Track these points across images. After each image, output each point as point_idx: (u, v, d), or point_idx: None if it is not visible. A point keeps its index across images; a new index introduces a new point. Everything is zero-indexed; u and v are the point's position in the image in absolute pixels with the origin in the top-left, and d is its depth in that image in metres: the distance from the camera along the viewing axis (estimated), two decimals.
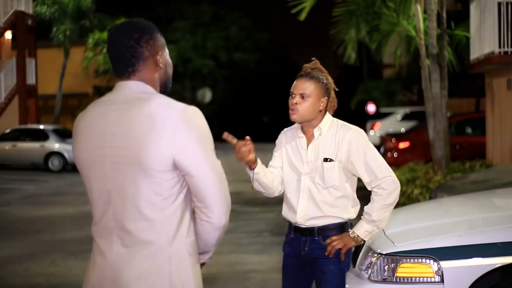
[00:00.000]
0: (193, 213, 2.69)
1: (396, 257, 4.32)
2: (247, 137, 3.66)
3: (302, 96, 3.83)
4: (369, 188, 3.87)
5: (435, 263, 4.18)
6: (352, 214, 3.91)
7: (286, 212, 4.02)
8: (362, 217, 3.84)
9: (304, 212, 3.88)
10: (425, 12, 11.21)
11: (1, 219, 12.41)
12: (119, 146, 2.56)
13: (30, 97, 29.95)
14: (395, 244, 4.44)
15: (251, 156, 3.67)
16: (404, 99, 35.27)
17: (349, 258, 3.96)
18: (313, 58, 4.02)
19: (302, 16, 12.05)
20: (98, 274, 2.63)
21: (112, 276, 2.58)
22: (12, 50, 30.93)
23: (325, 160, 3.83)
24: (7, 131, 24.19)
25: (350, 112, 42.98)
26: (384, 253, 4.39)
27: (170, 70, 2.79)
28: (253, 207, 12.84)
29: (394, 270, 4.29)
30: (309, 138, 3.93)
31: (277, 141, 4.12)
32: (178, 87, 49.65)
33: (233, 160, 3.76)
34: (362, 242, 3.90)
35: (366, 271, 4.49)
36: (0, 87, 28.18)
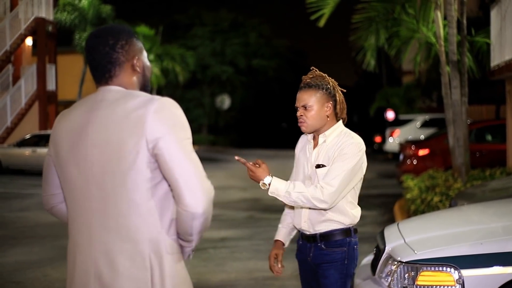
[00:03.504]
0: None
1: (417, 265, 4.29)
2: (258, 160, 3.79)
3: (305, 107, 3.87)
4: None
5: (456, 272, 4.14)
6: (353, 218, 3.88)
7: (294, 218, 4.08)
8: (288, 183, 3.76)
9: (308, 216, 3.92)
10: (445, 18, 11.15)
11: (20, 224, 12.48)
12: (99, 144, 2.59)
13: (50, 103, 30.16)
14: (415, 252, 4.41)
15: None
16: (424, 106, 35.11)
17: (353, 264, 3.92)
18: (312, 68, 4.03)
19: (321, 23, 12.02)
20: (81, 271, 2.65)
21: (96, 273, 2.60)
22: (33, 56, 31.23)
23: (318, 166, 3.85)
24: (27, 136, 24.32)
25: (369, 118, 42.89)
26: (404, 261, 4.37)
27: (148, 73, 2.82)
28: (271, 213, 12.82)
29: (414, 278, 4.26)
30: (316, 144, 3.98)
31: (296, 148, 4.20)
32: (196, 94, 49.83)
33: None
34: (264, 188, 3.77)
35: (386, 279, 4.47)
36: (20, 93, 28.43)
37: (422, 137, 22.12)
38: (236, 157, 3.78)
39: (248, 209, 14.25)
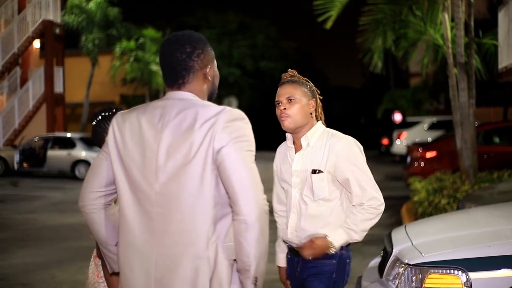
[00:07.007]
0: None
1: (424, 268, 4.27)
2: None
3: (290, 100, 3.63)
4: (353, 203, 3.61)
5: (464, 274, 4.12)
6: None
7: (281, 230, 3.88)
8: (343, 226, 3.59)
9: (295, 228, 3.66)
10: (452, 20, 11.12)
11: (28, 226, 12.50)
12: (168, 151, 2.63)
13: (58, 105, 30.23)
14: (423, 254, 4.39)
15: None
16: (431, 108, 35.06)
17: (343, 279, 3.68)
18: (289, 70, 3.85)
19: (328, 25, 12.01)
20: (141, 272, 2.70)
21: (157, 276, 2.66)
22: (40, 59, 31.30)
23: (314, 172, 3.59)
24: (35, 139, 24.39)
25: (377, 121, 42.80)
26: (411, 263, 4.35)
27: (217, 82, 2.90)
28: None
29: (422, 281, 4.24)
30: (298, 149, 3.73)
31: (274, 162, 3.93)
32: None
33: (263, 169, 3.75)
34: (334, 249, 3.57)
35: (393, 282, 4.45)
36: (28, 95, 28.51)
37: (429, 139, 22.07)
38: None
39: None
